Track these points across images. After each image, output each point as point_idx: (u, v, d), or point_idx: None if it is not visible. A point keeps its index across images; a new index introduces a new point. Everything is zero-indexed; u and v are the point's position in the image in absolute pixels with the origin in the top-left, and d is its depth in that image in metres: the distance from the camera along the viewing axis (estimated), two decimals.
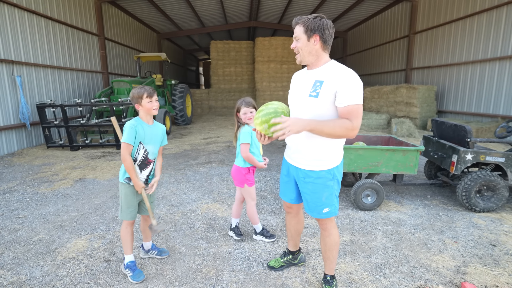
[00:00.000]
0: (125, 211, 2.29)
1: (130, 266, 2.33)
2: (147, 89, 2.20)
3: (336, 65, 1.76)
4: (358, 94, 1.66)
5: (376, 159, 3.48)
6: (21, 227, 3.22)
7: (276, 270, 2.39)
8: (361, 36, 17.17)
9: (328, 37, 1.74)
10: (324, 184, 1.85)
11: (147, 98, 2.18)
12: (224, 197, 4.04)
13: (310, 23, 1.70)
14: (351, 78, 1.66)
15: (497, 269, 2.44)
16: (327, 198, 1.87)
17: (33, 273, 2.40)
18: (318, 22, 1.70)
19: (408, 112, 10.38)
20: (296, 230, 2.31)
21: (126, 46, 13.47)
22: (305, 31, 1.71)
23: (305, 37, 1.72)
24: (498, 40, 8.51)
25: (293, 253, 2.42)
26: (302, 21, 1.73)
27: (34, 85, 7.70)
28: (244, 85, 17.23)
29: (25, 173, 5.24)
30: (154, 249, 2.62)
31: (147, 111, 2.23)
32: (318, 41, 1.72)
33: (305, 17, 1.74)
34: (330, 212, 1.90)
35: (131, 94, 2.23)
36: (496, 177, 3.39)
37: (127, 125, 2.15)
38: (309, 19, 1.71)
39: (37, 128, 7.71)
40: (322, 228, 2.02)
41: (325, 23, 1.72)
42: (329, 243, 2.01)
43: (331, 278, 2.11)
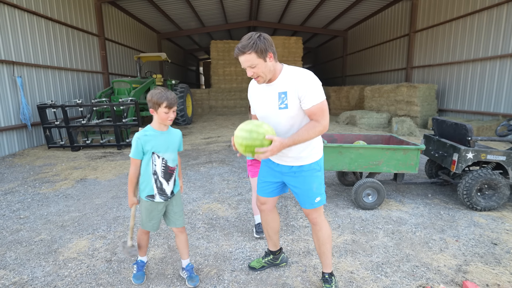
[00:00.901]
0: (147, 223, 2.18)
1: (138, 264, 2.34)
2: (168, 98, 1.97)
3: (291, 71, 1.83)
4: (318, 93, 1.77)
5: (376, 158, 3.48)
6: (23, 227, 3.23)
7: (257, 271, 2.39)
8: (361, 35, 17.15)
9: (274, 49, 1.82)
10: (313, 175, 1.99)
11: (165, 108, 1.98)
12: (225, 197, 4.05)
13: (259, 47, 1.72)
14: (308, 80, 1.76)
15: (498, 267, 2.44)
16: (317, 188, 2.00)
17: (35, 273, 2.41)
18: (264, 41, 1.73)
19: (408, 111, 10.37)
20: (272, 228, 2.30)
21: (126, 46, 13.48)
22: (259, 55, 1.73)
23: (261, 60, 1.75)
24: (499, 39, 8.49)
25: (274, 253, 2.41)
26: (250, 49, 1.71)
27: (35, 85, 7.71)
28: (244, 85, 17.23)
29: (26, 174, 5.25)
30: (188, 271, 2.30)
31: (161, 120, 2.03)
32: (272, 57, 1.78)
33: (248, 43, 1.72)
34: (321, 200, 2.02)
35: (150, 95, 2.00)
36: (497, 176, 3.39)
37: (133, 139, 2.05)
38: (256, 43, 1.71)
39: (38, 129, 7.73)
40: (312, 223, 2.08)
41: (267, 38, 1.77)
42: (322, 237, 2.05)
43: (330, 276, 2.13)
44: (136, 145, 2.03)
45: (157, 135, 2.06)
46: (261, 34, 1.77)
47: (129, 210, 3.65)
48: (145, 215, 2.16)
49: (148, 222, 2.17)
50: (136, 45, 14.66)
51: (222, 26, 18.37)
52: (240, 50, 1.74)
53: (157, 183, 2.09)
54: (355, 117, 11.07)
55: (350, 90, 14.62)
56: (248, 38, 1.73)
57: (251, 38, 1.73)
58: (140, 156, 2.06)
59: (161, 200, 2.12)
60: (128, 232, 2.30)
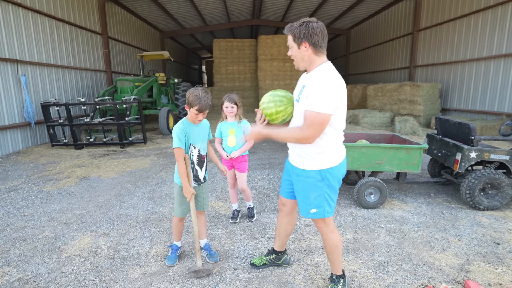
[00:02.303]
0: (178, 208, 2.42)
1: (173, 248, 2.55)
2: (201, 103, 2.15)
3: (320, 70, 1.76)
4: (320, 102, 1.63)
5: (379, 157, 3.47)
6: (27, 224, 3.26)
7: (258, 268, 2.39)
8: (365, 33, 17.07)
9: (318, 41, 1.73)
10: (313, 184, 1.87)
11: (196, 111, 2.18)
12: (227, 195, 4.06)
13: (296, 32, 1.73)
14: (321, 85, 1.66)
15: (501, 267, 2.43)
16: (315, 198, 1.88)
17: (39, 270, 2.43)
18: (303, 29, 1.71)
19: (411, 110, 10.32)
20: (285, 230, 2.30)
21: (129, 45, 13.51)
22: (294, 39, 1.75)
23: (295, 45, 1.76)
24: (503, 37, 8.42)
25: (277, 253, 2.41)
26: (290, 30, 1.77)
27: (39, 84, 7.76)
28: (247, 84, 17.23)
29: (30, 171, 5.29)
30: (206, 250, 2.57)
31: (191, 118, 2.27)
32: (308, 47, 1.74)
33: (293, 25, 1.76)
34: (317, 213, 1.90)
35: (188, 93, 2.19)
36: (500, 175, 3.37)
37: (176, 130, 2.21)
38: (295, 27, 1.73)
39: (42, 127, 7.78)
40: (320, 232, 2.03)
41: (311, 27, 1.71)
42: (328, 247, 2.01)
43: (337, 278, 2.07)
44: (180, 135, 2.19)
45: (192, 128, 2.29)
46: (309, 22, 1.73)
47: (132, 208, 3.67)
48: (178, 200, 2.40)
49: (179, 207, 2.41)
50: (139, 43, 14.69)
51: (225, 24, 18.36)
52: (286, 30, 1.79)
53: (194, 171, 2.34)
54: (357, 116, 11.04)
55: (352, 89, 14.57)
56: (298, 22, 1.75)
57: (298, 22, 1.74)
58: (184, 146, 2.21)
59: (195, 185, 2.37)
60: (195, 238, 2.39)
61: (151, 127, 10.96)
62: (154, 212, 3.55)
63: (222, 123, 3.13)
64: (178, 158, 2.21)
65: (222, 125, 3.11)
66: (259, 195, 4.08)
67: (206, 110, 2.22)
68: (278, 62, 15.86)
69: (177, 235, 2.56)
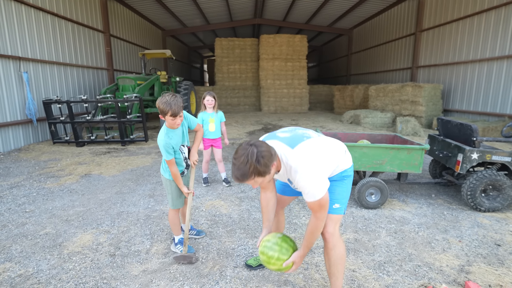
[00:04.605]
0: (176, 200, 2.57)
1: (181, 242, 2.65)
2: (172, 108, 2.20)
3: (292, 167, 1.66)
4: (315, 191, 1.60)
5: (380, 157, 3.47)
6: (28, 221, 3.27)
7: (253, 269, 2.38)
8: (367, 34, 17.04)
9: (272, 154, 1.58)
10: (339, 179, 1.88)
11: (170, 117, 2.25)
12: (228, 194, 4.06)
13: (260, 168, 1.53)
14: (304, 177, 1.61)
15: (501, 268, 2.43)
16: (339, 193, 1.87)
17: (40, 266, 2.44)
18: (263, 162, 1.53)
19: (413, 110, 10.30)
20: (276, 229, 2.30)
21: (131, 43, 13.52)
22: (263, 174, 1.57)
23: (267, 176, 1.61)
24: (507, 38, 8.39)
25: None
26: (251, 174, 1.54)
27: (41, 81, 7.77)
28: (248, 83, 17.22)
29: (32, 168, 5.30)
30: (193, 230, 2.92)
31: (169, 125, 2.36)
32: (274, 165, 1.61)
33: (247, 170, 1.52)
34: (339, 209, 1.86)
35: (157, 102, 2.24)
36: (502, 177, 3.36)
37: (163, 144, 2.34)
38: (255, 167, 1.52)
39: (43, 124, 7.80)
40: (325, 240, 1.86)
41: (264, 153, 1.53)
42: (334, 257, 1.86)
43: None
44: (167, 149, 2.34)
45: (176, 133, 2.42)
46: (258, 152, 1.52)
47: (133, 205, 3.68)
48: (176, 193, 2.54)
49: (177, 199, 2.56)
50: (140, 41, 14.70)
51: (227, 23, 18.35)
52: (240, 179, 1.56)
53: (188, 162, 2.60)
54: (359, 116, 11.03)
55: (354, 89, 14.55)
56: (245, 163, 1.50)
57: (249, 163, 1.50)
58: (173, 155, 2.40)
59: (186, 171, 2.60)
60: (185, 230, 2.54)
61: (152, 125, 10.98)
62: (154, 210, 3.56)
63: (202, 113, 4.14)
64: (171, 166, 2.41)
65: (203, 114, 4.13)
66: (259, 194, 4.07)
67: (180, 113, 2.27)
68: (280, 62, 15.84)
69: (177, 228, 2.66)
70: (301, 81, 16.15)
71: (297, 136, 1.78)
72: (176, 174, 2.44)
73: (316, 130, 4.26)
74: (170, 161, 2.39)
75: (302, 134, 1.81)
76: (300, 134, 1.80)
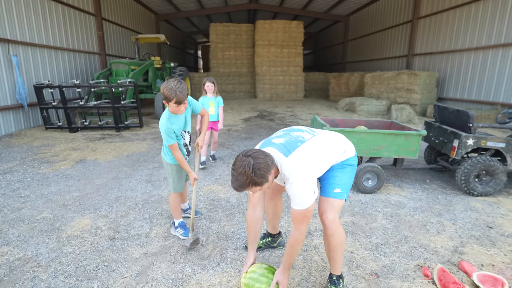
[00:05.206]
0: (178, 184, 2.58)
1: (182, 225, 2.64)
2: (177, 96, 2.15)
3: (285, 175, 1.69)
4: (302, 201, 1.65)
5: (378, 143, 3.50)
6: (24, 206, 3.24)
7: None
8: (364, 20, 16.86)
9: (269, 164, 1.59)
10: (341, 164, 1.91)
11: (174, 104, 2.20)
12: (226, 179, 4.07)
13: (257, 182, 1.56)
14: (294, 186, 1.65)
15: (493, 249, 2.51)
16: (341, 178, 1.87)
17: (39, 250, 2.44)
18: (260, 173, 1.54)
19: (408, 98, 10.35)
20: (274, 213, 2.32)
21: (123, 27, 13.16)
22: (261, 183, 1.58)
23: (265, 184, 1.62)
24: (503, 26, 8.39)
25: (273, 236, 2.44)
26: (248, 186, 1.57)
27: (31, 65, 7.55)
28: (243, 69, 17.01)
29: (25, 154, 5.22)
30: (189, 208, 2.97)
31: (172, 111, 2.31)
32: (273, 173, 1.64)
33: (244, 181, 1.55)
34: (341, 193, 1.85)
35: (162, 88, 2.18)
36: (495, 162, 3.43)
37: (164, 129, 2.29)
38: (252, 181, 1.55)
39: (35, 109, 7.63)
40: (325, 226, 1.87)
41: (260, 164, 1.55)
42: (333, 243, 1.87)
43: (338, 279, 1.97)
44: (169, 134, 2.29)
45: (178, 118, 2.37)
46: (254, 164, 1.53)
47: (130, 190, 3.67)
48: (177, 177, 2.55)
49: (178, 183, 2.57)
50: (133, 26, 14.31)
51: (222, 8, 17.95)
52: (238, 189, 1.60)
53: (188, 149, 2.58)
54: (354, 103, 11.04)
55: (350, 76, 14.52)
56: (243, 174, 1.53)
57: (245, 174, 1.53)
58: (175, 140, 2.35)
59: (187, 158, 2.57)
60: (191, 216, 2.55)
61: (146, 111, 10.84)
62: (152, 194, 3.55)
63: (203, 97, 4.44)
64: (175, 151, 2.38)
65: (204, 99, 4.43)
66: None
67: (185, 100, 2.22)
68: (276, 48, 15.64)
69: (178, 212, 2.66)
70: (297, 68, 16.02)
71: (291, 141, 1.78)
72: (181, 159, 2.41)
73: (314, 116, 4.26)
74: (173, 146, 2.35)
75: (296, 138, 1.81)
76: (294, 139, 1.80)
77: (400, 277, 2.14)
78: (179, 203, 2.67)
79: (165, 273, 2.17)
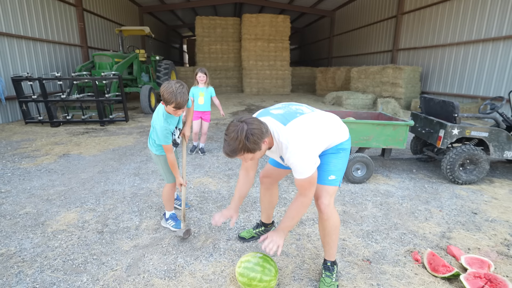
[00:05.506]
0: (170, 174, 2.50)
1: (173, 217, 2.60)
2: (177, 101, 2.05)
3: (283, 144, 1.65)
4: (304, 169, 1.61)
5: (367, 133, 3.54)
6: (5, 201, 3.09)
7: (246, 241, 2.41)
8: (349, 16, 17.01)
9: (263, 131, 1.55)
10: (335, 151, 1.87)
11: (173, 109, 2.12)
12: (216, 172, 4.03)
13: (250, 147, 1.51)
14: (293, 155, 1.61)
15: (478, 234, 2.59)
16: (335, 165, 1.85)
17: (23, 245, 2.34)
18: (253, 139, 1.49)
19: (393, 92, 10.55)
20: (270, 202, 2.31)
21: (106, 19, 12.75)
22: (253, 151, 1.54)
23: (258, 152, 1.58)
24: (483, 22, 8.65)
25: (266, 226, 2.44)
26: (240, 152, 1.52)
27: (8, 57, 7.20)
28: (230, 63, 16.86)
29: (3, 149, 4.99)
30: (178, 199, 3.02)
31: (170, 113, 2.24)
32: (266, 141, 1.58)
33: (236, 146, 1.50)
34: (335, 180, 1.85)
35: (162, 90, 2.08)
36: (479, 151, 3.54)
37: (162, 130, 2.21)
38: (245, 146, 1.50)
39: (13, 103, 7.31)
40: (320, 210, 1.86)
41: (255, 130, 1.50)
42: (328, 228, 1.86)
43: (332, 265, 1.96)
44: (166, 135, 2.23)
45: (174, 118, 2.33)
46: (248, 129, 1.49)
47: (118, 184, 3.57)
48: (167, 167, 2.47)
49: (170, 174, 2.49)
50: (116, 18, 13.89)
51: (208, 1, 17.67)
52: (229, 155, 1.54)
53: (176, 141, 2.49)
54: (341, 97, 11.16)
55: (336, 71, 14.65)
56: (235, 139, 1.49)
57: (238, 139, 1.48)
58: (171, 140, 2.31)
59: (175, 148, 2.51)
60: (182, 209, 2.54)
61: (131, 105, 10.58)
62: (141, 188, 3.47)
63: (194, 87, 4.51)
64: (168, 153, 2.32)
65: (194, 89, 4.50)
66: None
67: (184, 106, 2.13)
68: (263, 42, 15.57)
69: (171, 204, 2.61)
70: (284, 63, 16.02)
71: (290, 112, 1.75)
72: (173, 162, 2.35)
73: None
74: (167, 147, 2.29)
75: (295, 110, 1.79)
76: (293, 111, 1.78)
77: (392, 262, 2.18)
78: (173, 195, 2.61)
79: (157, 264, 2.12)
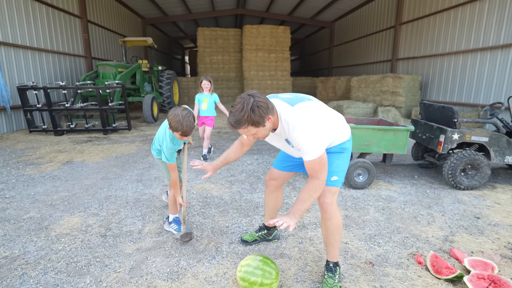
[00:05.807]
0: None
1: (176, 221, 2.63)
2: (184, 130, 2.07)
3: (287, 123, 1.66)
4: (313, 150, 1.60)
5: (368, 138, 3.57)
6: (9, 206, 3.12)
7: (249, 244, 2.41)
8: (349, 26, 17.28)
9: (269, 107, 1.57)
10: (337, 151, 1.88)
11: (179, 135, 2.15)
12: (218, 178, 4.05)
13: (254, 120, 1.52)
14: (301, 137, 1.60)
15: (481, 237, 2.59)
16: (337, 166, 1.87)
17: (27, 248, 2.35)
18: (258, 112, 1.52)
19: (393, 101, 10.62)
20: (274, 205, 2.31)
21: (110, 31, 13.00)
22: (256, 126, 1.55)
23: (261, 127, 1.59)
24: (480, 31, 8.78)
25: (268, 229, 2.44)
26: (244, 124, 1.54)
27: (14, 67, 7.34)
28: (231, 74, 17.05)
29: (8, 156, 5.04)
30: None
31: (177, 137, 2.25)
32: (270, 118, 1.60)
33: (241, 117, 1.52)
34: (338, 181, 1.86)
35: (169, 119, 2.09)
36: (480, 156, 3.56)
37: (169, 151, 2.28)
38: (249, 118, 1.51)
39: (18, 112, 7.40)
40: (323, 210, 1.87)
41: (261, 103, 1.53)
42: (331, 227, 1.87)
43: (334, 266, 1.96)
44: (170, 153, 2.29)
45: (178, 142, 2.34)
46: (254, 101, 1.51)
47: (121, 189, 3.59)
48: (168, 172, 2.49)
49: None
50: (120, 29, 14.15)
51: (209, 13, 18.01)
52: (234, 126, 1.55)
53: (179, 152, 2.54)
54: (342, 106, 11.23)
55: (336, 80, 14.79)
56: (241, 110, 1.51)
57: (244, 110, 1.51)
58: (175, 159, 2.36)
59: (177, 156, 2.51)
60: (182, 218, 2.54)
61: (134, 115, 10.68)
62: (144, 193, 3.49)
63: (199, 94, 4.84)
64: (172, 171, 2.37)
65: (199, 95, 4.83)
66: (249, 177, 4.09)
67: (190, 135, 2.17)
68: (263, 53, 15.79)
69: (175, 208, 2.61)
70: (284, 73, 16.20)
71: (299, 97, 1.81)
72: (175, 181, 2.39)
73: None
74: (172, 165, 2.34)
75: (303, 96, 1.85)
76: (302, 96, 1.84)
77: (395, 265, 2.18)
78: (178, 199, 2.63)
79: (159, 267, 2.13)
